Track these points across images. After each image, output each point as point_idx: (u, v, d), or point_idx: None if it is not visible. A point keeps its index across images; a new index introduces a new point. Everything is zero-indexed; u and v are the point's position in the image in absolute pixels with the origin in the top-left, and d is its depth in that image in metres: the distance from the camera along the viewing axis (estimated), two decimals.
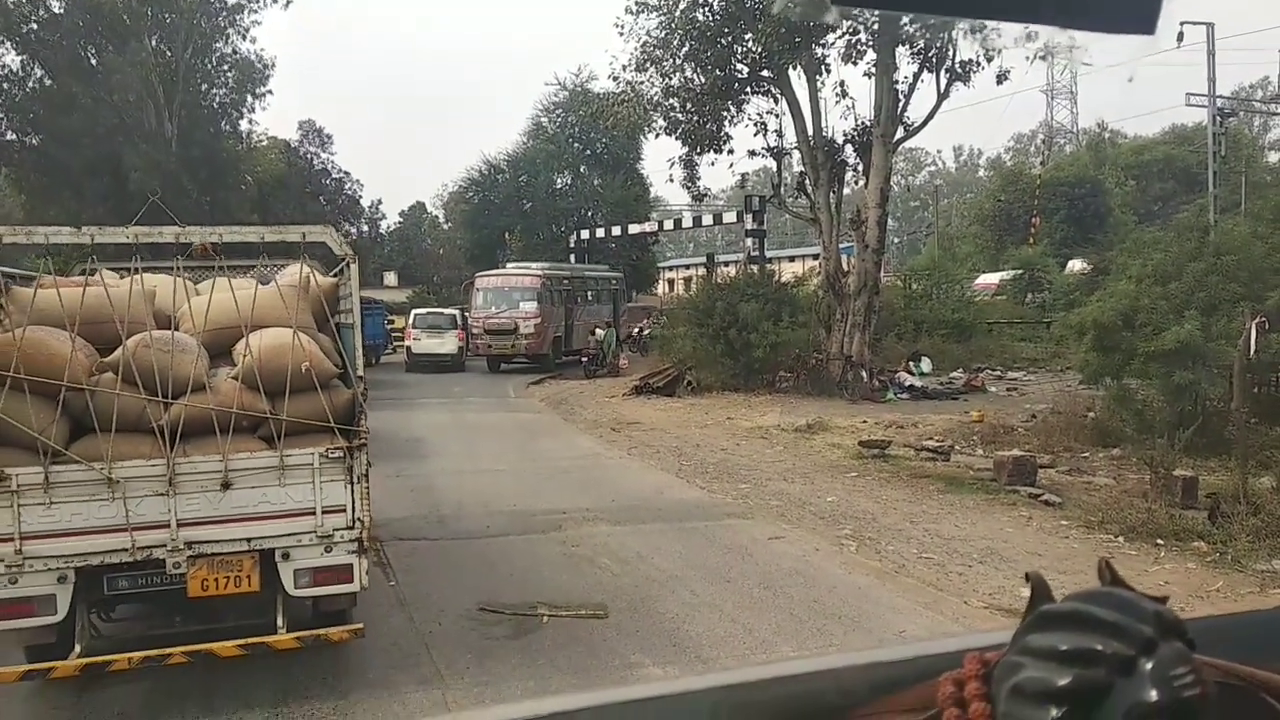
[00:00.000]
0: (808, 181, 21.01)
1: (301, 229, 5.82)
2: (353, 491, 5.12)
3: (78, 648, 4.87)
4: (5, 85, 35.44)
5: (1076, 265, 36.70)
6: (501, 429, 16.18)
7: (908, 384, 20.36)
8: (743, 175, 24.64)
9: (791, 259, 50.13)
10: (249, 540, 4.99)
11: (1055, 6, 0.65)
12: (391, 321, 32.80)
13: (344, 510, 5.09)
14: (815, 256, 53.07)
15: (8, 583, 4.67)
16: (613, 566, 7.46)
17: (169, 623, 5.42)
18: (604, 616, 6.22)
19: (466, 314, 29.25)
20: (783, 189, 22.70)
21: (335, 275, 6.20)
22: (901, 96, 19.59)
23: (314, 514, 5.05)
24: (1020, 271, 37.66)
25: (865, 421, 16.05)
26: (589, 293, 31.83)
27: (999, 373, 23.69)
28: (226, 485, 4.96)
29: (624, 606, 6.47)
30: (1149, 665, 0.62)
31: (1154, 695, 0.61)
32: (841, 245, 21.61)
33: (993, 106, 53.80)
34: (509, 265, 32.71)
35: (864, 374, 19.60)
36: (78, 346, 4.95)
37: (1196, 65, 33.31)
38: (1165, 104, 77.21)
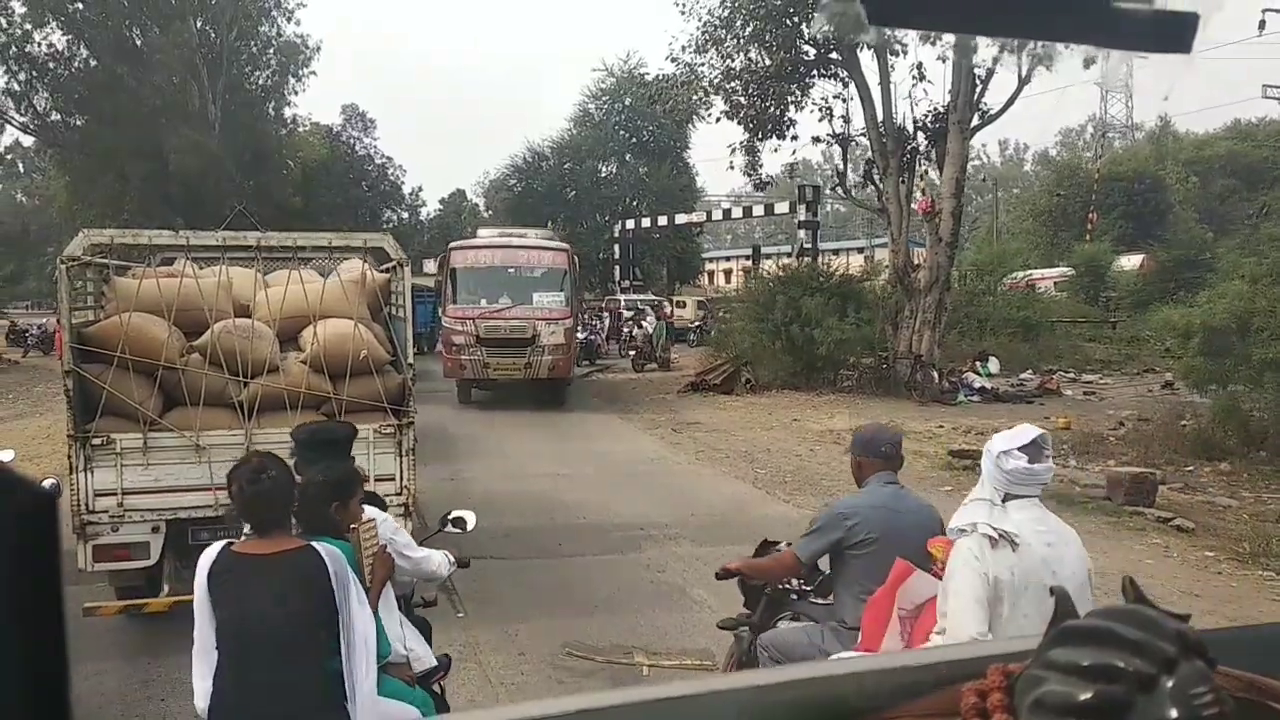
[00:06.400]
0: (875, 170, 19.96)
1: (363, 236, 7.14)
2: (401, 463, 5.90)
3: (166, 587, 5.59)
4: (51, 65, 35.15)
5: (1125, 262, 35.14)
6: (556, 426, 15.33)
7: (977, 385, 19.27)
8: (790, 165, 23.65)
9: (835, 253, 48.78)
10: None
11: (1092, 26, 0.65)
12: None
13: (393, 479, 5.82)
14: (860, 250, 51.82)
15: (110, 530, 5.49)
16: (709, 600, 6.52)
17: None
18: (713, 668, 5.32)
19: (439, 308, 19.15)
20: (847, 178, 21.66)
21: (386, 271, 6.86)
22: (979, 81, 18.47)
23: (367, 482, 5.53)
24: (1074, 269, 35.98)
25: (941, 426, 15.04)
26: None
27: (1072, 375, 22.46)
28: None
29: None
30: (1170, 683, 0.63)
31: (1173, 713, 0.62)
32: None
33: (1039, 101, 52.01)
34: (481, 232, 22.16)
35: (934, 374, 18.54)
36: (170, 331, 5.74)
37: (1248, 59, 31.65)
38: (1222, 100, 74.34)
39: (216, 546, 3.01)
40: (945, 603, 2.94)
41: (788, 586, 4.09)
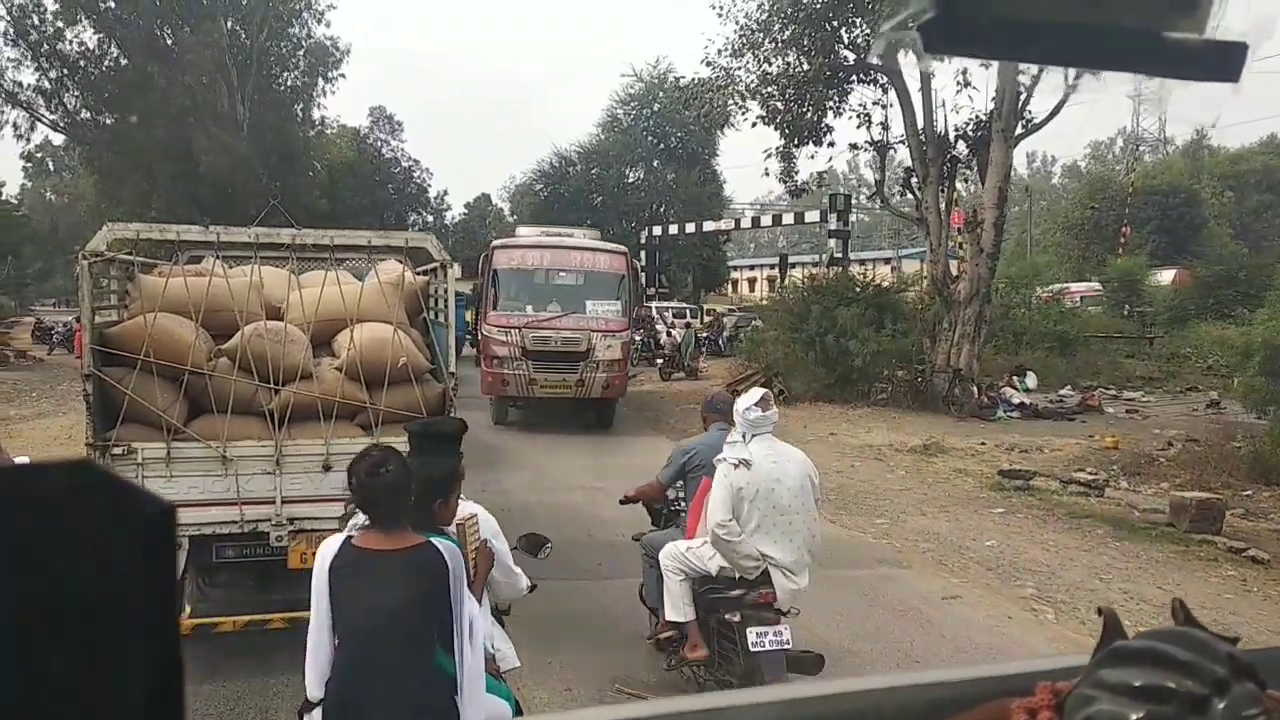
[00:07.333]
0: (914, 178, 19.46)
1: (404, 235, 6.87)
2: None
3: (187, 608, 5.25)
4: (82, 63, 35.21)
5: (1158, 277, 34.43)
6: (586, 437, 14.93)
7: (1016, 401, 18.74)
8: (820, 174, 23.19)
9: (861, 263, 48.11)
10: None
11: (1141, 56, 0.66)
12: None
13: None
14: (887, 261, 51.18)
15: None
16: None
17: (265, 590, 5.61)
18: None
19: (477, 314, 17.53)
20: (884, 185, 21.18)
21: (425, 273, 6.59)
22: (1023, 89, 17.95)
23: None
24: (1104, 283, 35.25)
25: (983, 443, 14.54)
26: None
27: (1113, 392, 21.84)
28: (327, 468, 5.26)
29: None
30: (1221, 705, 0.62)
31: None
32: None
33: (1070, 114, 51.23)
34: (520, 230, 19.80)
35: (974, 389, 18.01)
36: (197, 333, 5.33)
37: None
38: (1258, 115, 73.09)
39: (338, 539, 3.01)
40: (710, 503, 4.58)
41: (678, 508, 5.43)
